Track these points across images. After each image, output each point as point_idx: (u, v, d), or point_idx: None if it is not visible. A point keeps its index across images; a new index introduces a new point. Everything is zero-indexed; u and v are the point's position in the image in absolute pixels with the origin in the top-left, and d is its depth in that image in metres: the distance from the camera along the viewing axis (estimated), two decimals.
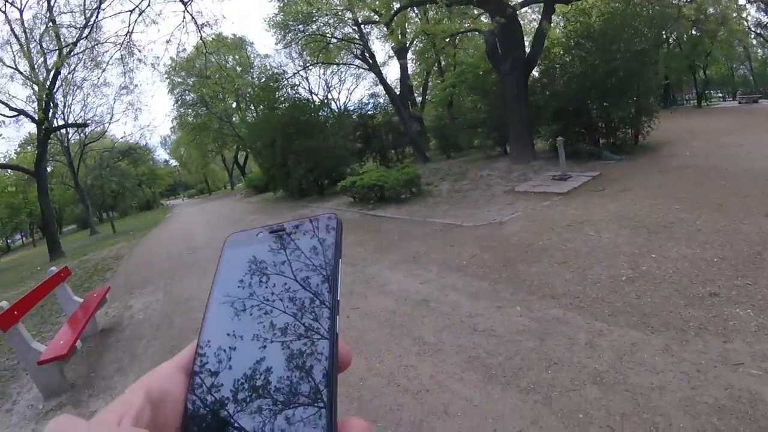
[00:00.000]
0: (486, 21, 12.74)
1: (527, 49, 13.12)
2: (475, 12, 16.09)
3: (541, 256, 5.39)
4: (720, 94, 49.41)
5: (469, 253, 6.06)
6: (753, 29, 37.67)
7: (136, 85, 38.15)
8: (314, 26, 19.76)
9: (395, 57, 23.30)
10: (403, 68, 22.81)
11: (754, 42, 44.07)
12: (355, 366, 3.79)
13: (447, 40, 18.31)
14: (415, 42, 23.97)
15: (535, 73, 13.69)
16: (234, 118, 36.94)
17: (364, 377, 3.59)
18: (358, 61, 22.86)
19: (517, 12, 13.07)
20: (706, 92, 41.24)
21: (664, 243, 5.16)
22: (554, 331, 3.65)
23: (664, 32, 23.51)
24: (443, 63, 26.05)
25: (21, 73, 18.09)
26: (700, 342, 3.20)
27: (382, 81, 20.92)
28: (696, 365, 2.93)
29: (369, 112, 22.82)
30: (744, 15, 35.05)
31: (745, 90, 45.66)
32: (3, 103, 18.96)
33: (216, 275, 0.42)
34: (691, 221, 5.81)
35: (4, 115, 19.80)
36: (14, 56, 17.99)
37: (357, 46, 21.01)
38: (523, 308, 4.17)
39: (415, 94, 27.08)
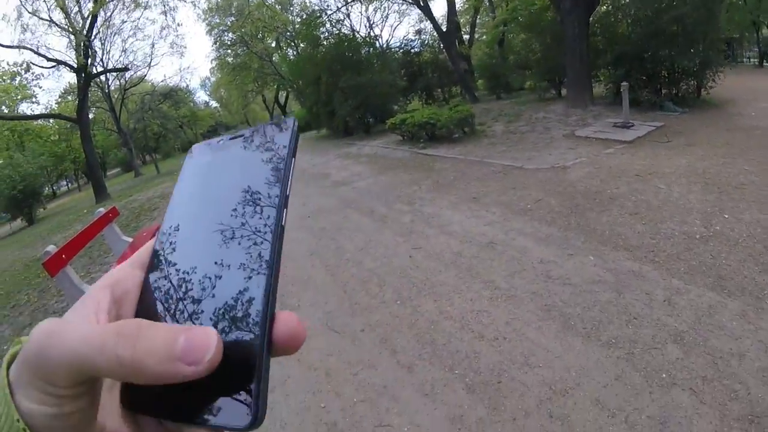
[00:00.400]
0: None
1: None
2: None
3: (611, 206, 5.29)
4: None
5: (533, 196, 5.99)
6: None
7: (179, 24, 37.60)
8: None
9: None
10: (451, 4, 21.52)
11: None
12: (424, 308, 3.87)
13: None
14: None
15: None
16: (274, 57, 36.15)
17: (435, 320, 3.66)
18: None
19: None
20: None
21: (736, 204, 4.96)
22: (631, 284, 3.64)
23: None
24: None
25: (57, 24, 18.09)
26: None
27: (430, 16, 19.95)
28: None
29: (414, 50, 22.01)
30: None
31: None
32: (41, 55, 19.29)
33: (177, 183, 0.43)
34: (763, 185, 5.51)
35: (42, 67, 20.41)
36: (48, 8, 18.03)
37: None
38: (596, 258, 4.16)
39: (462, 32, 25.77)
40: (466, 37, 26.03)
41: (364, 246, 5.56)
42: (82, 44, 17.78)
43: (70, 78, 26.15)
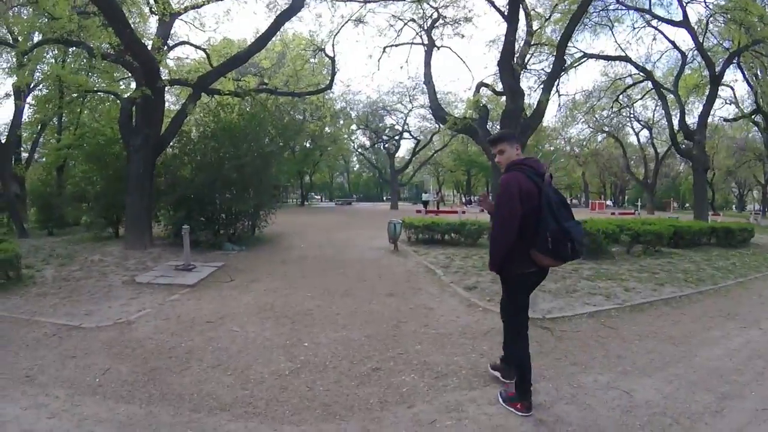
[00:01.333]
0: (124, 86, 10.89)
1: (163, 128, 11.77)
2: (116, 75, 13.74)
3: (190, 361, 4.20)
4: (318, 196, 61.72)
5: (100, 366, 4.10)
6: (356, 149, 47.99)
7: None
8: None
9: (12, 95, 16.65)
10: (19, 111, 16.56)
11: (355, 159, 57.53)
12: None
13: (76, 95, 15.10)
14: (42, 85, 17.81)
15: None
16: None
17: None
18: None
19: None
20: (310, 193, 49.36)
21: (310, 330, 4.97)
22: None
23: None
24: (65, 119, 20.46)
25: None
26: (389, 415, 3.10)
27: None
28: None
29: None
30: (353, 138, 43.96)
31: (339, 195, 60.70)
32: None
33: None
34: (327, 307, 5.89)
35: None
36: None
37: None
38: (195, 431, 3.00)
39: (22, 149, 20.31)
40: (24, 155, 20.57)
41: None
42: None
43: None
